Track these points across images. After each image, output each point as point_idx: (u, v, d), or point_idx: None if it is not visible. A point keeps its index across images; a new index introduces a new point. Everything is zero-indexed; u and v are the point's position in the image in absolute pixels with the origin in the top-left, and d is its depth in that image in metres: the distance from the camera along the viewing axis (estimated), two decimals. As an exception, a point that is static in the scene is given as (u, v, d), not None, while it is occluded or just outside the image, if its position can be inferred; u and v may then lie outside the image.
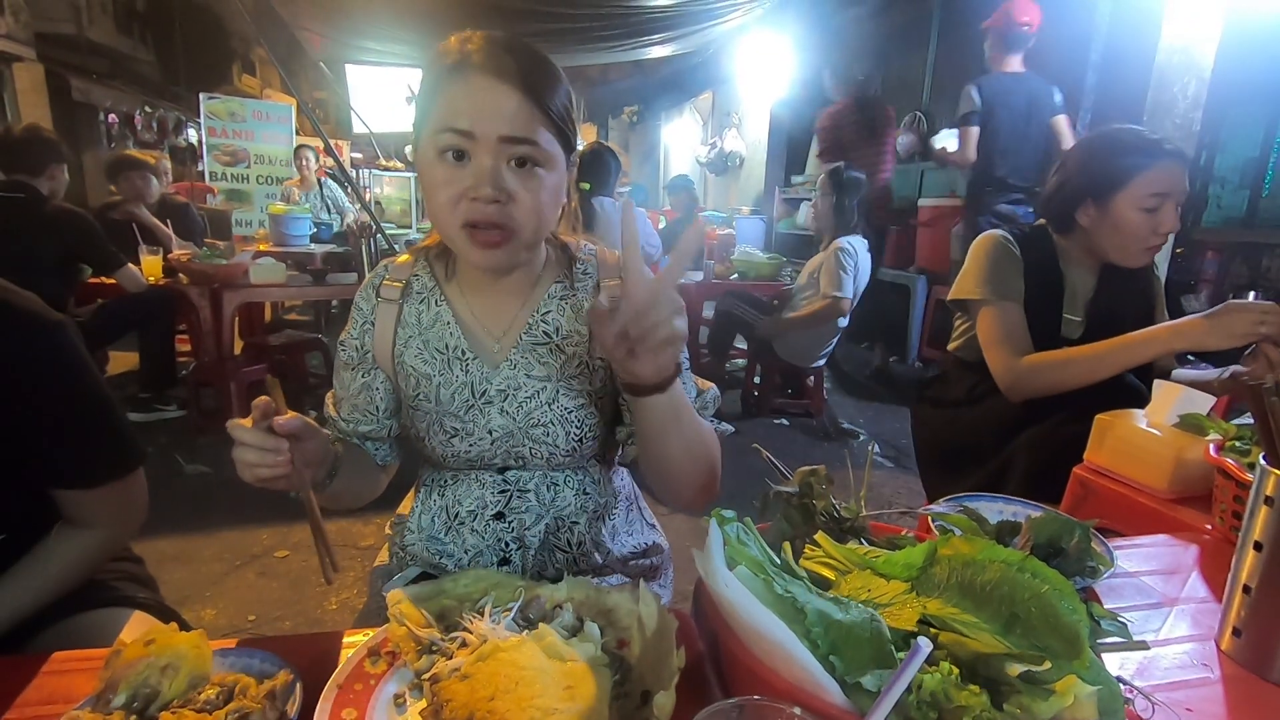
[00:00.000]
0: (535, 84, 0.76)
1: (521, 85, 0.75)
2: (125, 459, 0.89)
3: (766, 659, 0.49)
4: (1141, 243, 1.38)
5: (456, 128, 0.75)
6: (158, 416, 3.38)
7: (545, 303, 0.91)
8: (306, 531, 0.76)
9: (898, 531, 0.71)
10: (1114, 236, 1.40)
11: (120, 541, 0.96)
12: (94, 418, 0.86)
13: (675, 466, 0.83)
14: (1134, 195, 1.35)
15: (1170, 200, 1.35)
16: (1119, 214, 1.37)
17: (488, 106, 0.75)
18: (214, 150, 6.48)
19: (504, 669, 0.56)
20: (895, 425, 3.71)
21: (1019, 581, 0.49)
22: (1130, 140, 1.38)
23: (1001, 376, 1.41)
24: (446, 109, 0.76)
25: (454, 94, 0.76)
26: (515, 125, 0.75)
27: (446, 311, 0.91)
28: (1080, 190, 1.41)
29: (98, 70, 9.95)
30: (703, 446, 0.84)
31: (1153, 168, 1.34)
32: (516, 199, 0.77)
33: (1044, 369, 1.36)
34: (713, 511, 0.60)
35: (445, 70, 0.76)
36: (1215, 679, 0.67)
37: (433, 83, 0.78)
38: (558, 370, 0.89)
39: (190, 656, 0.57)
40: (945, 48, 5.45)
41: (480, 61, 0.75)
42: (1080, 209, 1.42)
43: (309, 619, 1.93)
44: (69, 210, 2.98)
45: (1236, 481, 0.90)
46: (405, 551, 0.95)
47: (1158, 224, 1.36)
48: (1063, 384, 1.35)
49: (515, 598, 0.68)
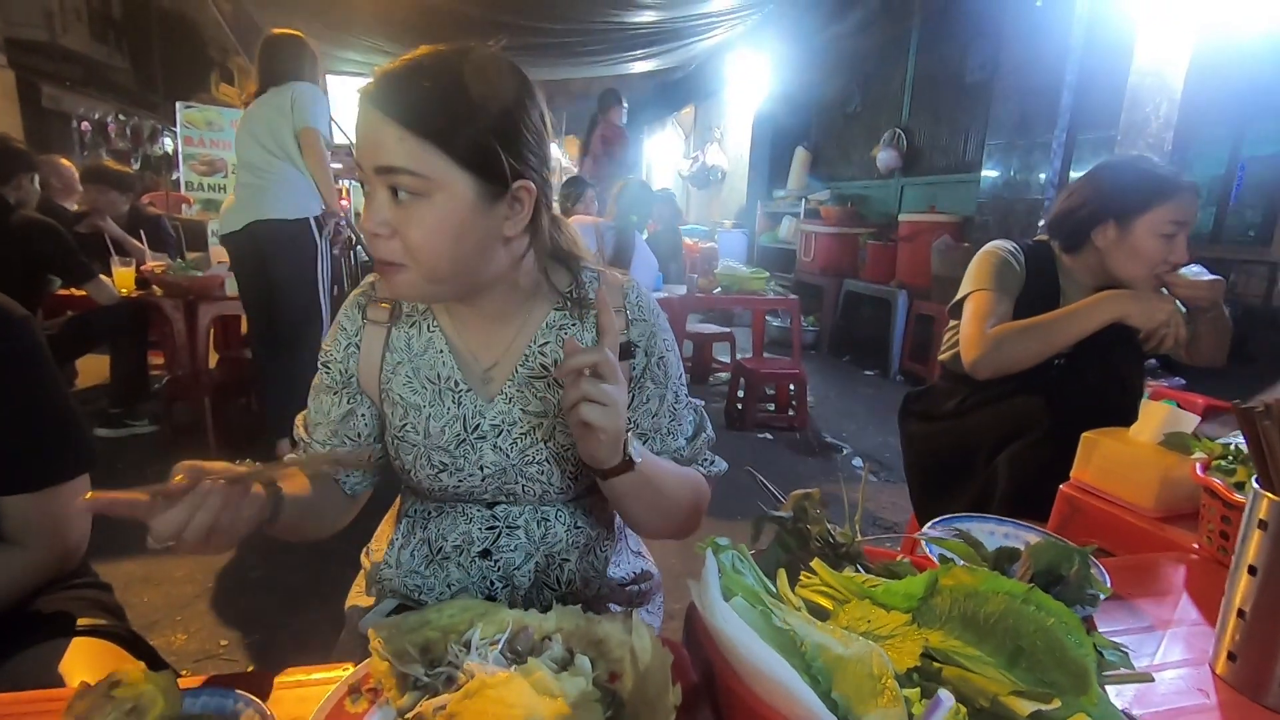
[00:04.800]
0: (412, 105, 0.70)
1: (405, 115, 0.70)
2: (76, 459, 0.85)
3: (768, 698, 0.47)
4: (1152, 268, 1.43)
5: (356, 157, 0.74)
6: (128, 432, 3.29)
7: (544, 333, 0.86)
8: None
9: (893, 557, 0.70)
10: (1129, 260, 1.44)
11: (51, 567, 0.87)
12: (50, 414, 0.82)
13: (644, 526, 0.85)
14: (1156, 220, 1.40)
15: (1184, 230, 1.41)
16: (1138, 237, 1.42)
17: (366, 135, 0.72)
18: (190, 160, 6.36)
19: (491, 707, 0.53)
20: (878, 439, 3.73)
21: (1023, 614, 0.48)
22: (1155, 168, 1.45)
23: (969, 349, 1.44)
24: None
25: (357, 122, 0.74)
26: (386, 154, 0.70)
27: (439, 338, 0.86)
28: (1102, 211, 1.45)
29: (71, 77, 9.78)
30: (676, 508, 0.83)
31: (1175, 197, 1.40)
32: (400, 231, 0.72)
33: (1005, 338, 1.41)
34: (707, 540, 0.59)
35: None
36: (1212, 704, 0.66)
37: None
38: (555, 406, 0.84)
39: (158, 698, 0.54)
40: (923, 65, 5.55)
41: (369, 92, 0.72)
42: (1099, 229, 1.46)
43: (284, 642, 1.88)
44: (37, 220, 2.91)
45: (1223, 501, 0.90)
46: (380, 584, 0.90)
47: (1170, 252, 1.41)
48: (1023, 354, 1.40)
49: (503, 629, 0.65)
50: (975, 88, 4.83)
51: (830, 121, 6.94)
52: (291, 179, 2.77)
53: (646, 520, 0.84)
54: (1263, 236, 3.46)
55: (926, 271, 4.67)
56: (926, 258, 4.62)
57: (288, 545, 2.33)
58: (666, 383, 0.88)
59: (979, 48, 4.75)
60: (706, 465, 0.93)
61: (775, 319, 5.96)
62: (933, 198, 5.26)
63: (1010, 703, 0.44)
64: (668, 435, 0.89)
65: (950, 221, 4.74)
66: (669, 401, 0.89)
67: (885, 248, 5.32)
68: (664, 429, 0.89)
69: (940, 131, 5.32)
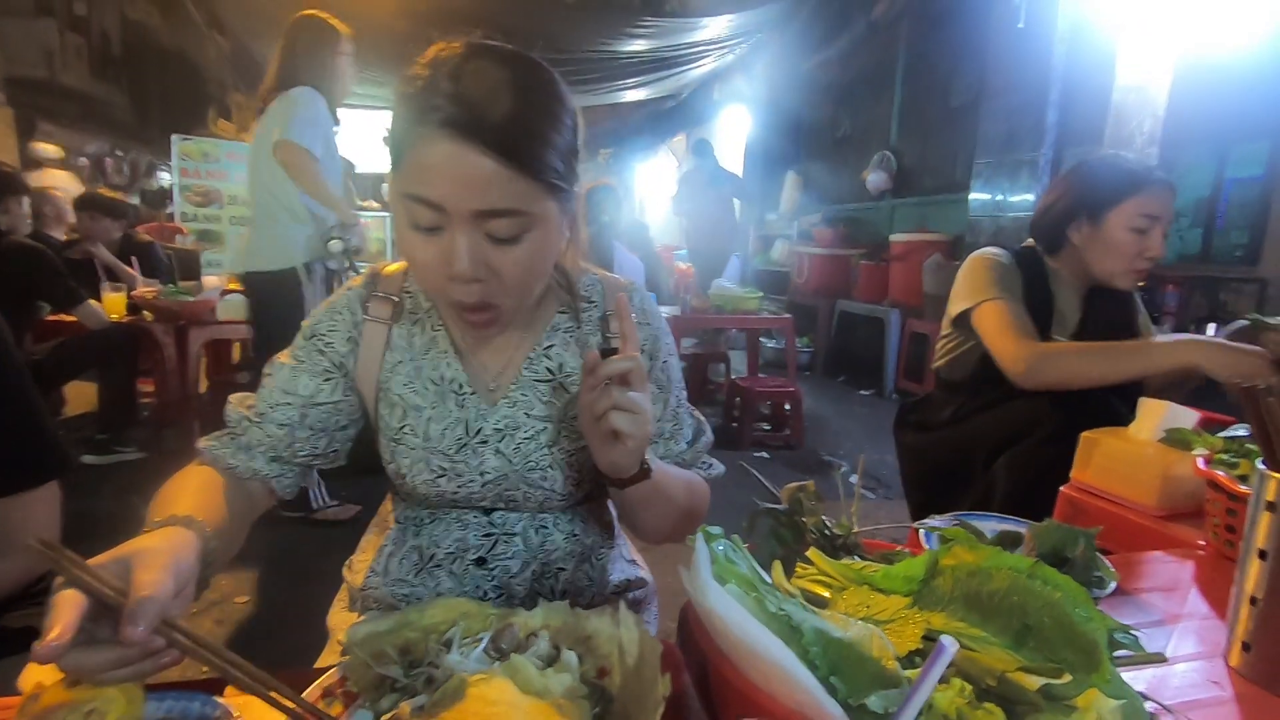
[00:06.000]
0: (515, 139, 0.63)
1: (498, 146, 0.62)
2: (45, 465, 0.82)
3: (763, 682, 0.44)
4: (1128, 263, 1.42)
5: (424, 198, 0.64)
6: (116, 459, 3.23)
7: (549, 335, 0.83)
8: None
9: (892, 548, 0.68)
10: (1104, 255, 1.43)
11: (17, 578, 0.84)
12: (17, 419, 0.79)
13: (651, 532, 0.82)
14: (1126, 214, 1.39)
15: (1159, 225, 1.40)
16: (1110, 231, 1.41)
17: (458, 176, 0.63)
18: (186, 191, 6.40)
19: (473, 706, 0.50)
20: (875, 456, 3.70)
21: (1030, 590, 0.46)
22: (1126, 163, 1.45)
23: (1014, 361, 1.38)
24: (413, 170, 0.65)
25: (421, 152, 0.64)
26: (492, 198, 0.64)
27: (443, 338, 0.82)
28: (1075, 206, 1.45)
29: (68, 114, 9.88)
30: (680, 512, 0.81)
31: (1146, 190, 1.39)
32: (501, 273, 0.68)
33: (1066, 354, 1.35)
34: (699, 529, 0.57)
35: (412, 117, 0.64)
36: (1228, 697, 0.63)
37: (402, 129, 0.66)
38: (560, 410, 0.82)
39: (118, 700, 0.51)
40: (910, 88, 5.64)
41: (449, 117, 0.62)
42: (1073, 225, 1.46)
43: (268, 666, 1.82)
44: (24, 245, 2.89)
45: (1228, 494, 0.88)
46: (364, 596, 0.87)
47: (1145, 246, 1.40)
48: (1082, 373, 1.33)
49: (486, 627, 0.62)
50: (962, 109, 4.90)
51: (820, 145, 7.03)
52: (277, 221, 2.45)
53: (655, 526, 0.81)
54: (1250, 256, 3.50)
55: (919, 290, 4.69)
56: (918, 277, 4.64)
57: (273, 569, 2.30)
58: (669, 387, 0.87)
59: (964, 70, 4.83)
60: (705, 469, 0.91)
61: (770, 340, 5.96)
62: (923, 218, 5.30)
63: (1018, 678, 0.41)
64: (670, 440, 0.87)
65: (941, 240, 4.78)
66: (671, 406, 0.87)
67: (878, 268, 5.35)
68: (666, 433, 0.87)
69: (929, 153, 5.39)
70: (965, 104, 4.84)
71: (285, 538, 2.47)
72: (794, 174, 7.12)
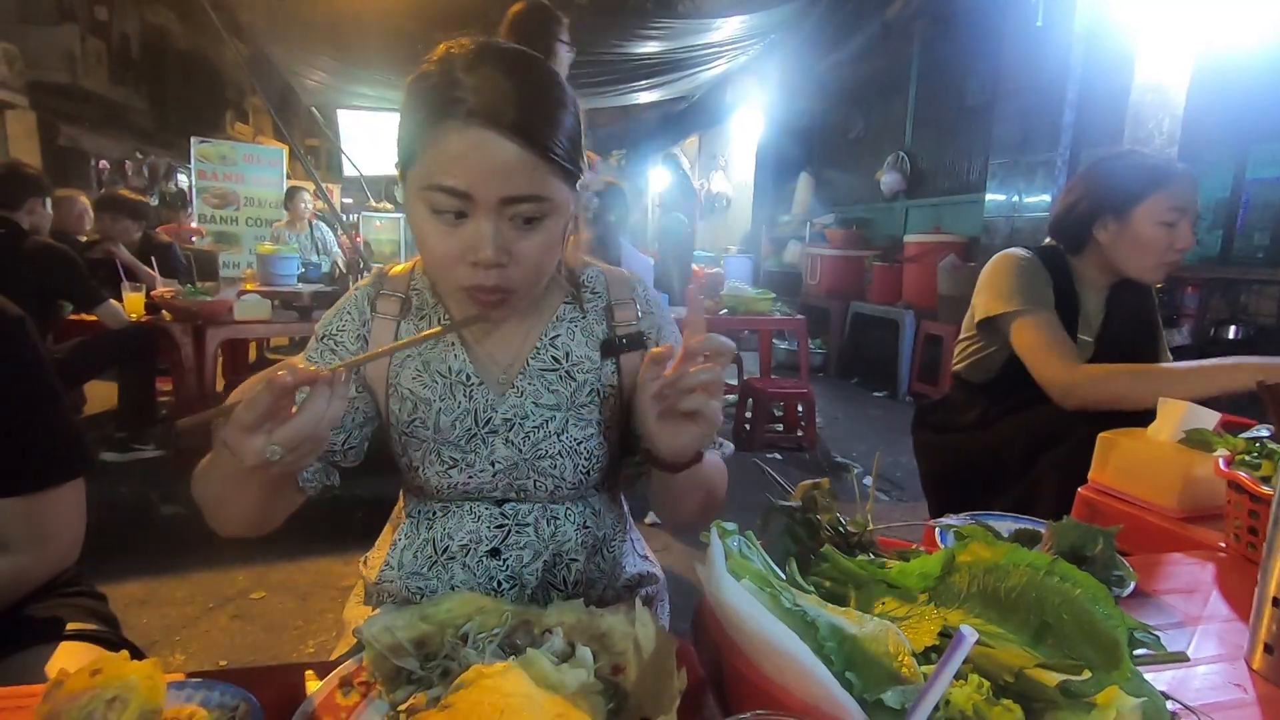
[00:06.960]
0: (536, 127, 0.66)
1: (521, 133, 0.65)
2: (69, 463, 0.83)
3: (777, 675, 0.44)
4: (1159, 257, 1.40)
5: (449, 187, 0.66)
6: (134, 456, 3.28)
7: (554, 325, 0.85)
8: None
9: (908, 546, 0.67)
10: (1133, 252, 1.42)
11: (43, 572, 0.85)
12: (44, 417, 0.81)
13: (683, 514, 0.83)
14: (1154, 209, 1.38)
15: (1186, 217, 1.39)
16: (1139, 228, 1.40)
17: (484, 164, 0.66)
18: (204, 192, 6.49)
19: (488, 697, 0.51)
20: (889, 459, 3.67)
21: (1048, 586, 0.45)
22: (1146, 159, 1.44)
23: (1057, 381, 1.36)
24: (436, 161, 0.67)
25: (443, 144, 0.66)
26: (517, 184, 0.67)
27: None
28: (1099, 206, 1.43)
29: (90, 117, 10.04)
30: (709, 496, 0.82)
31: (1170, 183, 1.38)
32: (519, 258, 0.70)
33: (1116, 375, 1.33)
34: (714, 523, 0.57)
35: (432, 111, 0.67)
36: (1250, 699, 0.62)
37: (417, 121, 0.68)
38: (568, 398, 0.83)
39: (140, 688, 0.52)
40: (925, 88, 5.61)
41: (473, 107, 0.65)
42: (1098, 224, 1.44)
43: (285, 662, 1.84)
44: (48, 245, 2.95)
45: (1250, 495, 0.86)
46: (380, 590, 0.88)
47: (1175, 239, 1.39)
48: (1132, 394, 1.29)
49: (502, 623, 0.63)
50: (977, 109, 4.87)
51: (833, 147, 7.01)
52: None
53: (688, 509, 0.82)
54: (1271, 258, 3.45)
55: (933, 292, 4.66)
56: (933, 278, 4.61)
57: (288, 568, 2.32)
58: None
59: (979, 70, 4.80)
60: (717, 448, 0.91)
61: (782, 342, 5.94)
62: (937, 219, 5.27)
63: (1036, 675, 0.41)
64: None
65: (956, 242, 4.74)
66: None
67: (891, 269, 5.32)
68: None
69: (944, 153, 5.36)
70: (980, 104, 4.81)
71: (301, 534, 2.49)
72: (807, 175, 7.10)
